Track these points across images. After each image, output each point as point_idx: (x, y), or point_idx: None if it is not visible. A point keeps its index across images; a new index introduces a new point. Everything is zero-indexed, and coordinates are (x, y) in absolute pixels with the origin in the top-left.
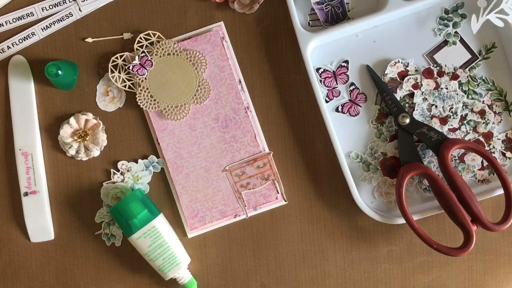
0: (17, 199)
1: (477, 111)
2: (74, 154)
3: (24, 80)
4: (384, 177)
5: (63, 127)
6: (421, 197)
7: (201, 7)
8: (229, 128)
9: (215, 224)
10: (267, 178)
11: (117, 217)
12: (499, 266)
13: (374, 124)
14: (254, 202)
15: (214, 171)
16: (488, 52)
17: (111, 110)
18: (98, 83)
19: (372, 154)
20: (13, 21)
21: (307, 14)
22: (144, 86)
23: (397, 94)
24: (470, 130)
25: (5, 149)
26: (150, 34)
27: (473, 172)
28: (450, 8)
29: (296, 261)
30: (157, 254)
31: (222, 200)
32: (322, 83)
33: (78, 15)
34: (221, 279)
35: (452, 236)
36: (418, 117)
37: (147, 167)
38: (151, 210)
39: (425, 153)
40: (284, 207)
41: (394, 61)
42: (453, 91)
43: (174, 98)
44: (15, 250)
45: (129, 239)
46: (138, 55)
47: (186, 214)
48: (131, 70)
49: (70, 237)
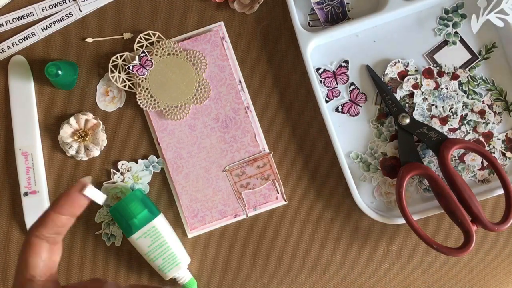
0: (17, 199)
1: (477, 111)
2: (74, 154)
3: (24, 80)
4: (384, 177)
5: (63, 127)
6: (421, 197)
7: (201, 7)
8: (229, 128)
9: (215, 224)
10: (267, 178)
11: (117, 217)
12: (499, 266)
13: (374, 124)
14: (254, 202)
15: (214, 171)
16: (488, 52)
17: (111, 110)
18: (98, 83)
19: (372, 154)
20: (13, 21)
21: (307, 14)
22: (144, 86)
23: (397, 94)
24: (470, 130)
25: (5, 149)
26: (150, 34)
27: (473, 172)
28: (450, 8)
29: (296, 261)
30: (157, 254)
31: (222, 200)
32: (322, 83)
33: (78, 15)
34: (221, 279)
35: (452, 236)
36: (418, 117)
37: (147, 167)
38: (151, 210)
39: (425, 153)
40: (284, 207)
41: (394, 61)
42: (453, 91)
43: (174, 98)
44: (15, 250)
45: (129, 239)
46: (138, 55)
47: (186, 214)
48: (131, 70)
49: (70, 237)
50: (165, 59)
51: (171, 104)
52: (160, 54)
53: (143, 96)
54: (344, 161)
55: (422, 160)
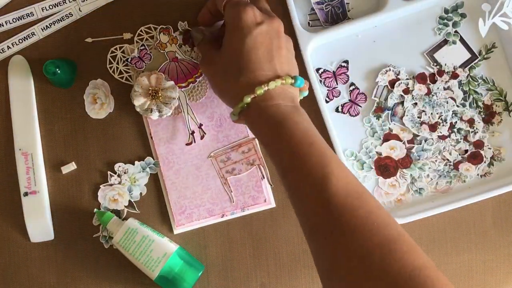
0: (17, 199)
1: (466, 119)
2: (159, 114)
3: (24, 80)
4: (377, 177)
5: (135, 98)
6: (413, 200)
7: (201, 7)
8: (223, 128)
9: (202, 222)
10: (252, 163)
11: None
12: (499, 266)
13: (373, 115)
14: (243, 203)
15: (205, 169)
16: (488, 52)
17: (103, 117)
18: (84, 92)
19: (366, 153)
20: (13, 21)
21: (307, 14)
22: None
23: (388, 99)
24: (460, 139)
25: (5, 149)
26: (151, 28)
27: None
28: (450, 7)
29: (296, 261)
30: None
31: (211, 198)
32: (322, 83)
33: (78, 15)
34: (221, 279)
35: (452, 235)
36: (408, 123)
37: (143, 168)
38: (194, 266)
39: (420, 155)
40: (284, 207)
41: (385, 69)
42: (443, 99)
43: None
44: (15, 250)
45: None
46: (138, 48)
47: (173, 210)
48: (129, 62)
49: (70, 238)
50: (164, 53)
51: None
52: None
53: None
54: (345, 161)
55: (417, 160)
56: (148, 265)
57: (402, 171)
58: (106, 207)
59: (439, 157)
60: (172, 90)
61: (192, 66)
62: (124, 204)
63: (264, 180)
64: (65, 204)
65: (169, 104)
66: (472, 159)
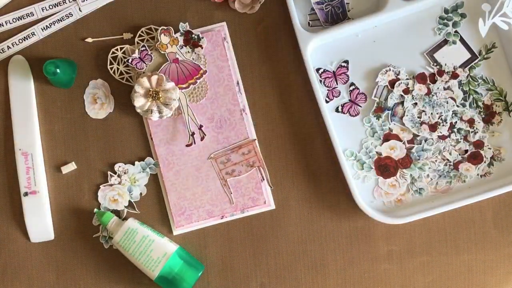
0: (17, 199)
1: (466, 119)
2: (160, 115)
3: (24, 80)
4: (377, 177)
5: (135, 98)
6: (413, 199)
7: (201, 7)
8: (223, 129)
9: (201, 223)
10: (252, 165)
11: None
12: (499, 266)
13: (373, 115)
14: (242, 205)
15: (205, 170)
16: (488, 52)
17: (103, 117)
18: (84, 92)
19: (367, 153)
20: (13, 21)
21: (307, 14)
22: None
23: (388, 99)
24: (460, 139)
25: (5, 149)
26: (152, 28)
27: None
28: (450, 7)
29: (296, 261)
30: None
31: (211, 200)
32: (322, 83)
33: (78, 15)
34: (221, 279)
35: (452, 235)
36: (408, 123)
37: (144, 169)
38: (194, 266)
39: (420, 155)
40: (284, 207)
41: (385, 69)
42: (443, 99)
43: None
44: (15, 250)
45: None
46: (138, 49)
47: (173, 211)
48: (130, 63)
49: (70, 237)
50: (164, 54)
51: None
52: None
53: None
54: (345, 161)
55: (418, 160)
56: (148, 265)
57: (402, 171)
58: (106, 207)
59: (439, 157)
60: (172, 91)
61: (193, 67)
62: (124, 204)
63: (264, 182)
64: (65, 204)
65: (170, 105)
66: (472, 159)
